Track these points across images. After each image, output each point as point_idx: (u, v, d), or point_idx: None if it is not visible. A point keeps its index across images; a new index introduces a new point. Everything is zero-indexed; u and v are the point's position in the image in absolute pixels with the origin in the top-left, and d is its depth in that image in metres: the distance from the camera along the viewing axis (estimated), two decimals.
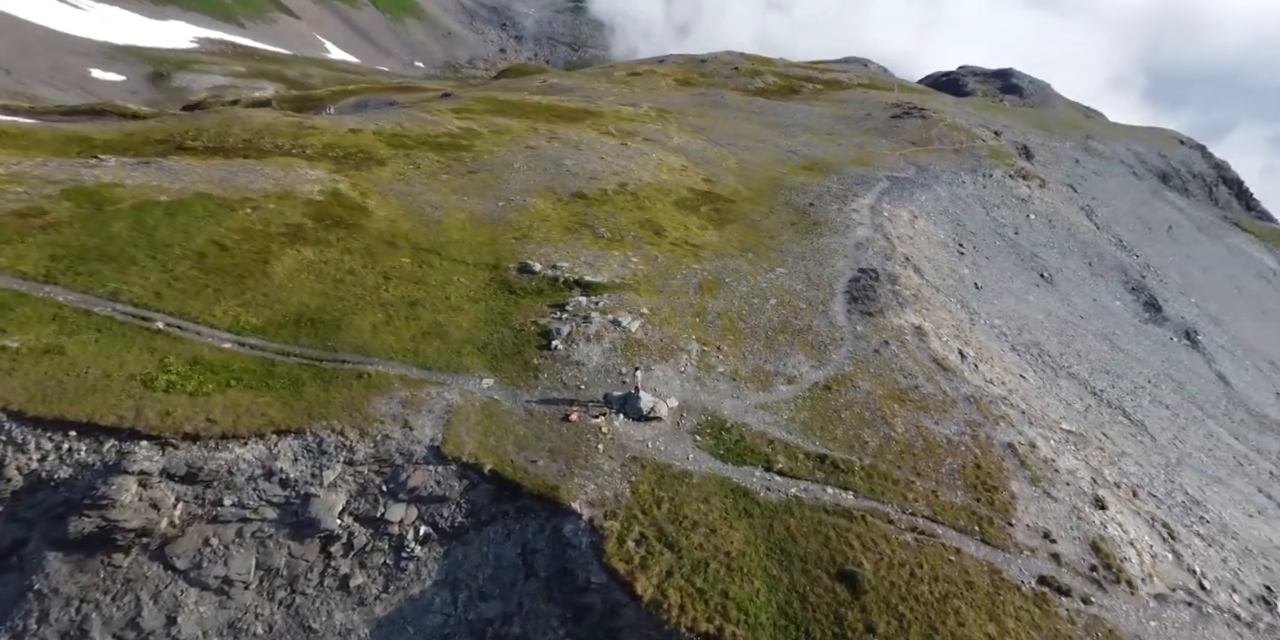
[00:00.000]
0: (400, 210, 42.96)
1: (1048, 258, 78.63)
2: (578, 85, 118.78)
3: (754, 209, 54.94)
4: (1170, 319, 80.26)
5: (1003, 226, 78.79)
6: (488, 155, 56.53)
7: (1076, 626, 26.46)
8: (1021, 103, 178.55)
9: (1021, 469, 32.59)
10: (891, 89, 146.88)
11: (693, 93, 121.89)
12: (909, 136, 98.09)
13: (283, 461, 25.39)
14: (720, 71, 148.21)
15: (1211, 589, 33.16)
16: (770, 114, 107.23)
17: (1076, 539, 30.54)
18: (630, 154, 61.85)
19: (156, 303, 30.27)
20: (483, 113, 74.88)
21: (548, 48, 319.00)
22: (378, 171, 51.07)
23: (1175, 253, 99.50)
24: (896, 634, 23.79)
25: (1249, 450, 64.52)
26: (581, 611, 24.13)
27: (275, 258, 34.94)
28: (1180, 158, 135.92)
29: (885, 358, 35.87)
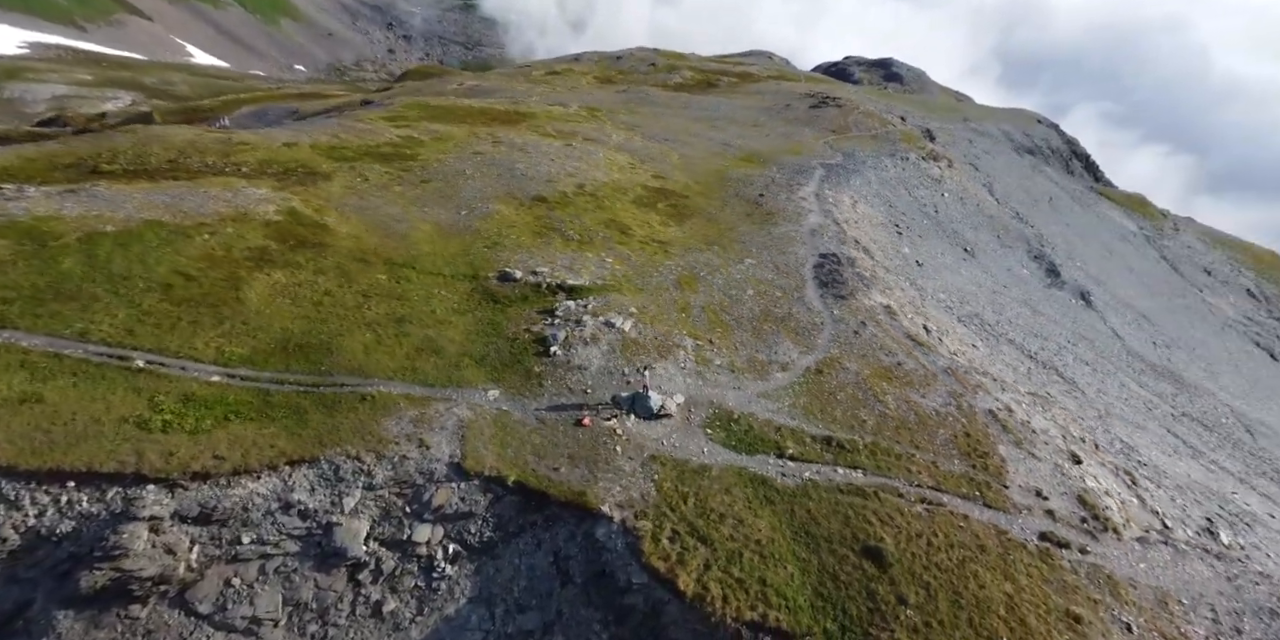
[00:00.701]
0: (363, 226, 41.92)
1: (965, 233, 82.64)
2: (499, 87, 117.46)
3: (708, 203, 55.77)
4: (1068, 282, 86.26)
5: (925, 206, 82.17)
6: (436, 163, 55.56)
7: (1080, 576, 28.17)
8: (902, 89, 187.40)
9: (1004, 433, 34.39)
10: (799, 80, 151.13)
11: (615, 90, 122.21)
12: (829, 124, 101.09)
13: (299, 492, 24.71)
14: (637, 68, 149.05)
15: (1172, 527, 35.69)
16: (696, 108, 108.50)
17: (1064, 494, 32.48)
18: (578, 154, 61.77)
19: (131, 340, 28.84)
20: (418, 119, 73.36)
21: (440, 47, 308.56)
22: (325, 187, 49.60)
23: (1058, 222, 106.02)
24: (926, 603, 24.92)
25: (1152, 396, 70.04)
26: (624, 613, 24.38)
27: (246, 284, 33.69)
28: (1041, 135, 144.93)
29: (865, 338, 37.20)
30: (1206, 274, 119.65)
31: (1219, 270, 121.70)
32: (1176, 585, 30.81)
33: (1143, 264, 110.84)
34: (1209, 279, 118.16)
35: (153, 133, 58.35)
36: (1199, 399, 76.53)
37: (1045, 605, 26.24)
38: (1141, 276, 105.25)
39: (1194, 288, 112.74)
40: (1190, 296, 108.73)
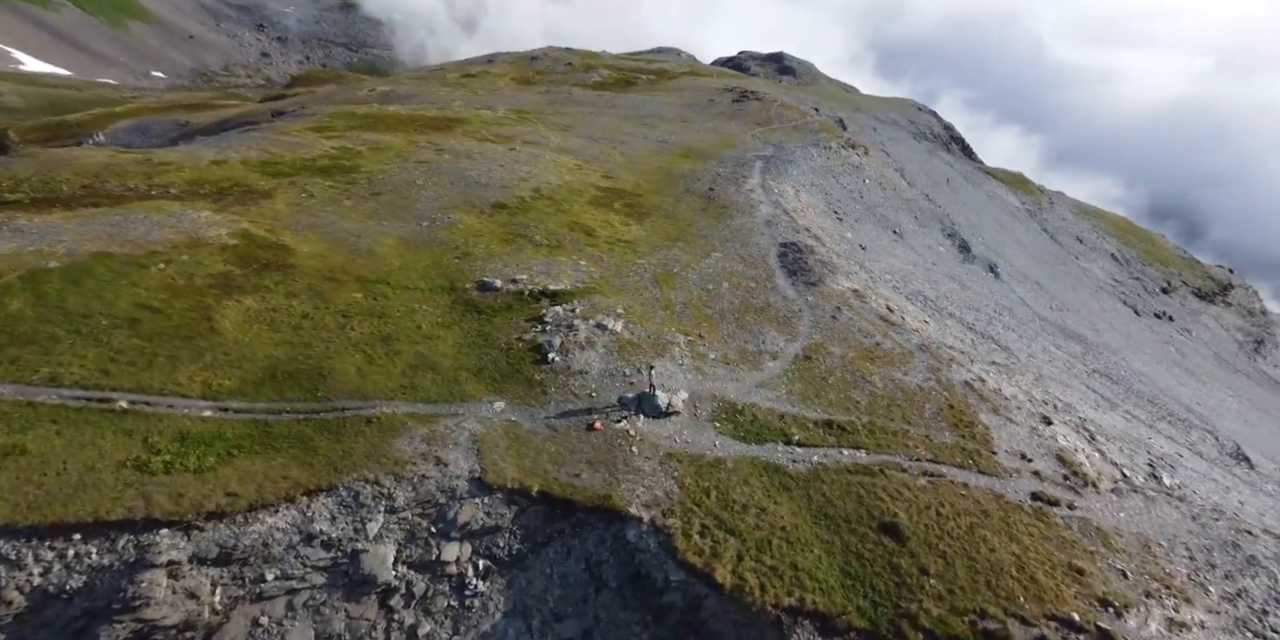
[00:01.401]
0: (324, 244, 40.68)
1: (890, 216, 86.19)
2: (415, 91, 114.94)
3: (662, 200, 56.26)
4: (978, 257, 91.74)
5: (853, 192, 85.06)
6: (382, 175, 54.24)
7: (1073, 530, 29.96)
8: (795, 82, 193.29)
9: (982, 402, 36.15)
10: (712, 75, 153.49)
11: (538, 91, 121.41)
12: (753, 118, 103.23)
13: (320, 522, 24.04)
14: (554, 68, 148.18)
15: (1129, 476, 38.23)
16: (623, 107, 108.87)
17: (1045, 455, 34.43)
18: (524, 158, 61.27)
19: (107, 381, 27.38)
20: (347, 129, 71.29)
21: (321, 50, 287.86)
22: (269, 205, 47.85)
23: (956, 201, 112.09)
24: (946, 570, 26.10)
25: (1068, 356, 75.19)
26: (662, 612, 24.66)
27: (217, 312, 32.35)
28: (924, 121, 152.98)
29: (843, 322, 38.42)
30: (1079, 242, 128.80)
31: (1088, 238, 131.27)
32: (1153, 529, 33.02)
33: (1028, 236, 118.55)
34: (1081, 247, 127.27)
35: (56, 157, 55.08)
36: (1101, 356, 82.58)
37: (1050, 561, 27.82)
38: (1029, 248, 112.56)
39: (1071, 255, 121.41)
40: (1069, 263, 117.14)
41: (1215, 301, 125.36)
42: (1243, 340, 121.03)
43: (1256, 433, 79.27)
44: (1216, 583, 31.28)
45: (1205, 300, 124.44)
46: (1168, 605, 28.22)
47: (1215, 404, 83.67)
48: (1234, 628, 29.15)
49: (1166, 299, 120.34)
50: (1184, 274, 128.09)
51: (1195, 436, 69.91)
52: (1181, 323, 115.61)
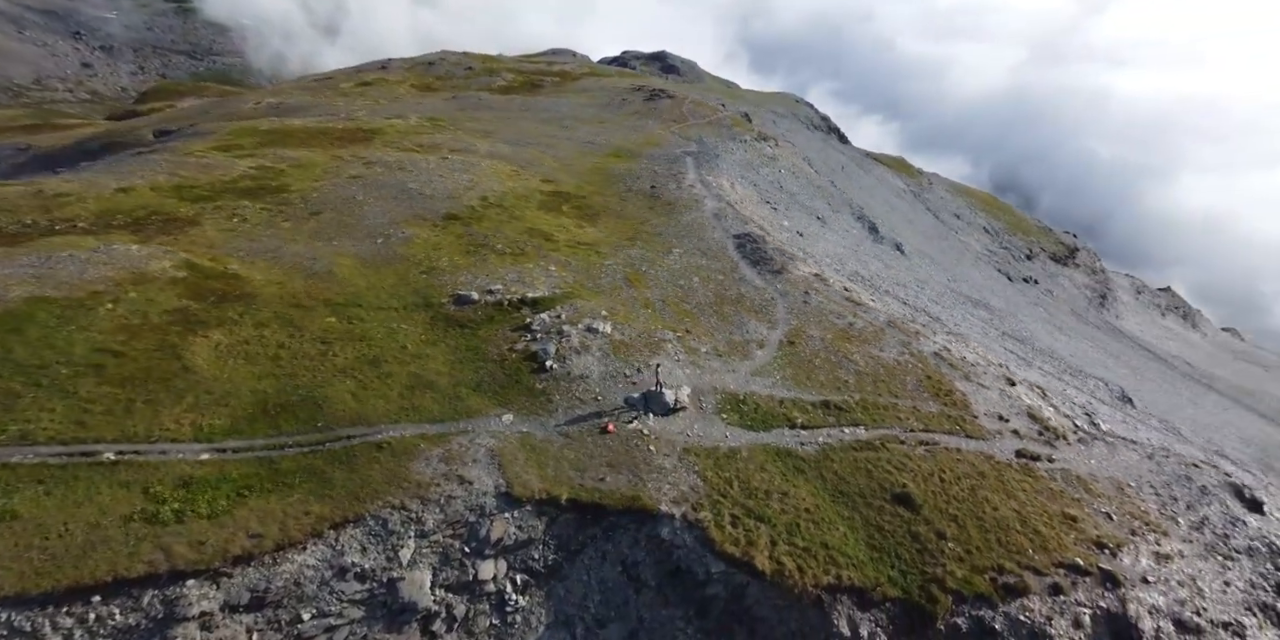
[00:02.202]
0: (277, 270, 39.04)
1: (808, 203, 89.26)
2: (309, 102, 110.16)
3: (608, 200, 56.37)
4: (885, 237, 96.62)
5: (774, 182, 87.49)
6: (315, 193, 52.29)
7: (1057, 480, 31.99)
8: (681, 80, 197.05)
9: (954, 370, 38.04)
10: (612, 75, 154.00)
11: (444, 98, 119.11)
12: (667, 115, 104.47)
13: (351, 554, 23.31)
14: (455, 73, 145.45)
15: (1080, 426, 40.98)
16: (537, 110, 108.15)
17: (1018, 414, 36.55)
18: (459, 167, 60.16)
19: (85, 433, 25.67)
20: (257, 146, 68.16)
21: (157, 59, 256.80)
22: (199, 233, 45.50)
23: (854, 186, 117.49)
24: (960, 533, 27.51)
25: (981, 322, 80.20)
26: (705, 605, 25.05)
27: (186, 350, 30.70)
28: (805, 113, 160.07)
29: (814, 306, 39.61)
30: (956, 218, 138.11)
31: (964, 214, 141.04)
32: (1121, 472, 35.52)
33: (915, 215, 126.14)
34: (959, 222, 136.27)
35: None
36: (1005, 320, 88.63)
37: (1046, 512, 29.66)
38: (917, 226, 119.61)
39: (951, 230, 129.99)
40: (951, 238, 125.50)
41: (1067, 264, 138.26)
42: (1090, 297, 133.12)
43: (1116, 376, 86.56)
44: (1183, 514, 33.95)
45: (1059, 263, 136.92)
46: (1150, 540, 30.52)
47: (1083, 354, 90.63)
48: (1206, 553, 31.75)
49: (1030, 265, 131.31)
50: (1041, 241, 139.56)
51: (1091, 385, 76.07)
52: (1045, 285, 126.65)
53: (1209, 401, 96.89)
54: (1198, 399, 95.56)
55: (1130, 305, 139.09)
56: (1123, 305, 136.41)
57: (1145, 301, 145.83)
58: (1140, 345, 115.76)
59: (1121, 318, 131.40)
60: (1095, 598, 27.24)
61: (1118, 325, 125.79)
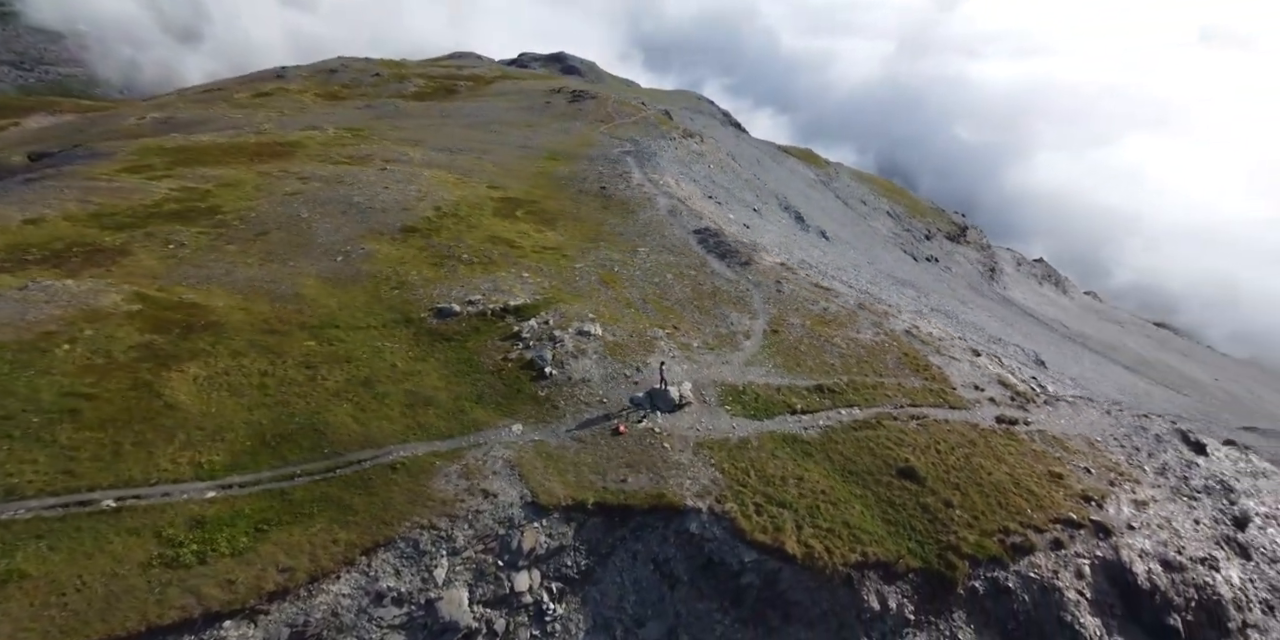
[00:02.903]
0: (236, 295, 37.54)
1: (741, 195, 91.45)
2: (203, 116, 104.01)
3: (560, 204, 56.19)
4: (810, 226, 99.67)
5: (708, 177, 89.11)
6: (253, 213, 50.33)
7: (1037, 442, 33.82)
8: (583, 80, 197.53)
9: (925, 346, 39.68)
10: (524, 78, 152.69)
11: (357, 107, 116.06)
12: (594, 116, 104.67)
13: (386, 579, 22.84)
14: (362, 81, 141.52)
15: (1036, 390, 43.35)
16: (460, 116, 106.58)
17: (990, 382, 38.42)
18: (402, 178, 58.85)
19: (77, 482, 24.30)
20: (170, 166, 64.49)
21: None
22: (134, 262, 43.13)
23: (771, 178, 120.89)
24: (964, 500, 28.86)
25: (912, 300, 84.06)
26: (740, 594, 25.50)
27: (163, 387, 29.31)
28: (707, 110, 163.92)
29: (788, 294, 40.62)
30: (863, 204, 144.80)
31: (869, 200, 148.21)
32: (1087, 429, 37.77)
33: (827, 203, 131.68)
34: (865, 208, 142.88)
35: None
36: (928, 296, 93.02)
37: (1034, 473, 31.38)
38: (832, 213, 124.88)
39: (860, 217, 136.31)
40: (861, 224, 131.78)
41: (960, 242, 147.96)
42: (982, 271, 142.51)
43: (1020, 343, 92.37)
44: (1146, 462, 36.37)
45: (954, 241, 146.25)
46: (1127, 489, 32.64)
47: (984, 324, 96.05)
48: (1173, 496, 34.11)
49: (930, 244, 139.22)
50: (936, 222, 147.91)
51: (1011, 351, 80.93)
52: (944, 262, 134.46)
53: (1087, 358, 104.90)
54: (1079, 357, 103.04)
55: (1014, 276, 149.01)
56: (1008, 277, 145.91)
57: (1025, 272, 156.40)
58: (1027, 312, 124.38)
59: (1009, 289, 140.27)
60: (1091, 548, 29.00)
61: (1007, 296, 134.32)
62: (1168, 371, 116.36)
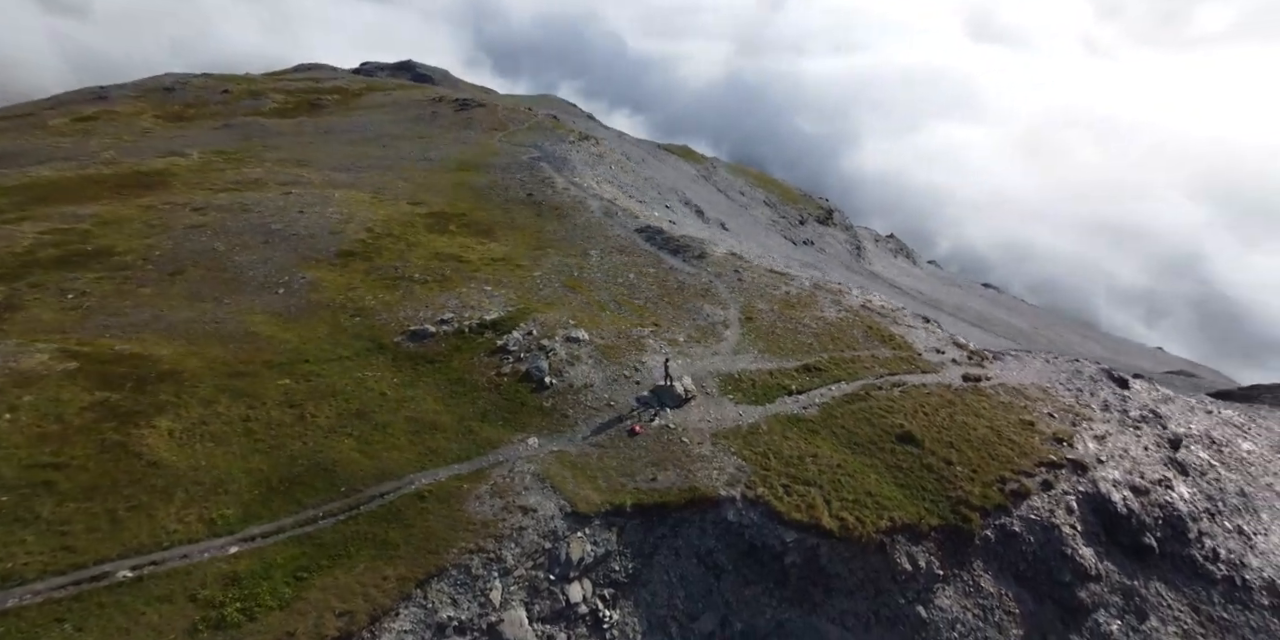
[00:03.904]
0: (179, 341, 35.09)
1: (648, 193, 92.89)
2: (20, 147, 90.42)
3: (491, 214, 55.27)
4: (710, 218, 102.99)
5: (615, 178, 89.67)
6: (156, 251, 46.76)
7: (1001, 395, 36.40)
8: (412, 86, 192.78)
9: (883, 318, 41.80)
10: (392, 89, 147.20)
11: (213, 127, 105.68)
12: (487, 124, 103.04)
13: (444, 609, 22.25)
14: (208, 98, 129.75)
15: (971, 342, 46.37)
16: (339, 132, 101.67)
17: (947, 345, 40.92)
18: (314, 200, 56.22)
19: (80, 557, 22.33)
20: (22, 207, 56.36)
21: None
22: (27, 318, 38.53)
23: (660, 175, 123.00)
24: (961, 456, 30.80)
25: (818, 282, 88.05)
26: (784, 575, 26.29)
27: (139, 445, 27.20)
28: (574, 112, 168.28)
29: (749, 282, 41.77)
30: (742, 195, 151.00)
31: (747, 191, 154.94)
32: (1035, 377, 40.89)
33: (712, 196, 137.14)
34: (744, 198, 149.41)
35: None
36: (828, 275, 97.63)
37: (1010, 423, 33.79)
38: (718, 205, 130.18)
39: (742, 207, 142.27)
40: (744, 214, 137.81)
41: (828, 224, 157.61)
42: (851, 250, 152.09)
43: None
44: (1091, 401, 39.76)
45: (823, 225, 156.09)
46: (1086, 427, 35.62)
47: None
48: (1121, 428, 37.39)
49: (804, 228, 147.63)
50: (806, 208, 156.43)
51: None
52: (819, 244, 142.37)
53: (945, 321, 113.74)
54: (941, 320, 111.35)
55: (875, 252, 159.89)
56: (871, 253, 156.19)
57: (882, 248, 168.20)
58: (892, 284, 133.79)
59: (873, 264, 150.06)
60: (1074, 485, 31.55)
61: (873, 270, 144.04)
62: (1004, 325, 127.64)
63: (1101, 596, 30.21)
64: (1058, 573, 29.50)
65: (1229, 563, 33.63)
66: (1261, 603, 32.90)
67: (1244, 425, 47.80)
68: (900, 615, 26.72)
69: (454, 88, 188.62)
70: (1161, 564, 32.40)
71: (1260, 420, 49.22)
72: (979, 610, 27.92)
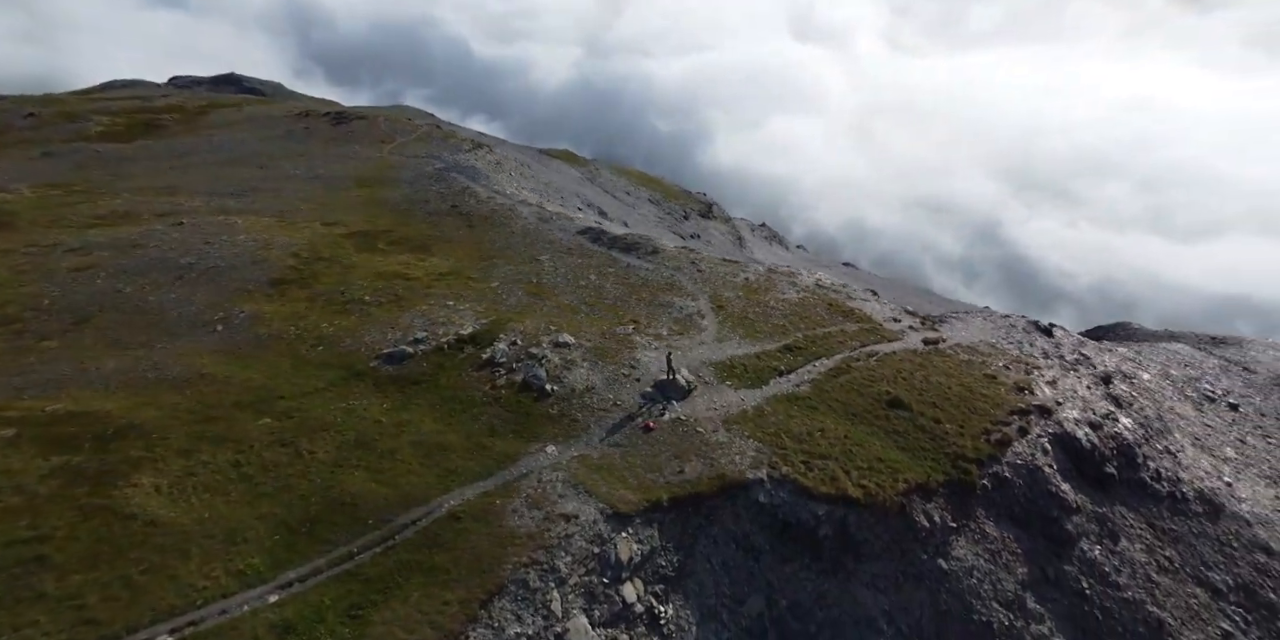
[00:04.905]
0: (124, 394, 32.36)
1: (558, 198, 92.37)
2: None
3: (419, 230, 53.71)
4: (612, 218, 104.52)
5: (524, 185, 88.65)
6: (45, 300, 42.09)
7: (959, 354, 38.92)
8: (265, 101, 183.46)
9: (838, 294, 43.75)
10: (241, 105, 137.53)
11: (29, 157, 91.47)
12: (373, 136, 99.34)
13: (511, 626, 21.85)
14: (10, 123, 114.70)
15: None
16: (201, 154, 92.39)
17: (900, 313, 43.24)
18: (216, 230, 52.50)
19: (109, 629, 20.42)
20: None
21: None
22: None
23: (556, 179, 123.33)
24: (944, 414, 32.82)
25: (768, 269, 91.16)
26: (817, 548, 27.25)
27: (128, 507, 25.09)
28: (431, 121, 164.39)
29: (708, 272, 42.69)
30: (628, 195, 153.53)
31: (631, 190, 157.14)
32: (980, 334, 43.89)
33: (599, 197, 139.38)
34: (631, 198, 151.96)
35: None
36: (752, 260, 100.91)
37: (977, 379, 36.22)
38: (609, 206, 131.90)
39: (629, 206, 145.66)
40: (634, 213, 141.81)
41: (710, 218, 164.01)
42: (733, 240, 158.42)
43: None
44: (1032, 351, 43.01)
45: (706, 218, 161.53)
46: (1037, 374, 38.56)
47: None
48: (1064, 372, 40.64)
49: (689, 223, 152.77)
50: (688, 203, 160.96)
51: None
52: (705, 238, 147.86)
53: None
54: None
55: (754, 241, 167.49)
56: (751, 243, 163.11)
57: (759, 236, 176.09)
58: None
59: (755, 252, 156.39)
60: (1044, 428, 34.20)
61: (755, 258, 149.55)
62: None
63: (1082, 526, 32.90)
64: (1046, 509, 31.92)
65: (1169, 480, 37.27)
66: (1197, 511, 36.66)
67: (1135, 359, 52.94)
68: (924, 571, 28.24)
69: (288, 99, 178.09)
70: (1121, 490, 35.57)
71: (1139, 355, 54.54)
72: (988, 555, 29.87)
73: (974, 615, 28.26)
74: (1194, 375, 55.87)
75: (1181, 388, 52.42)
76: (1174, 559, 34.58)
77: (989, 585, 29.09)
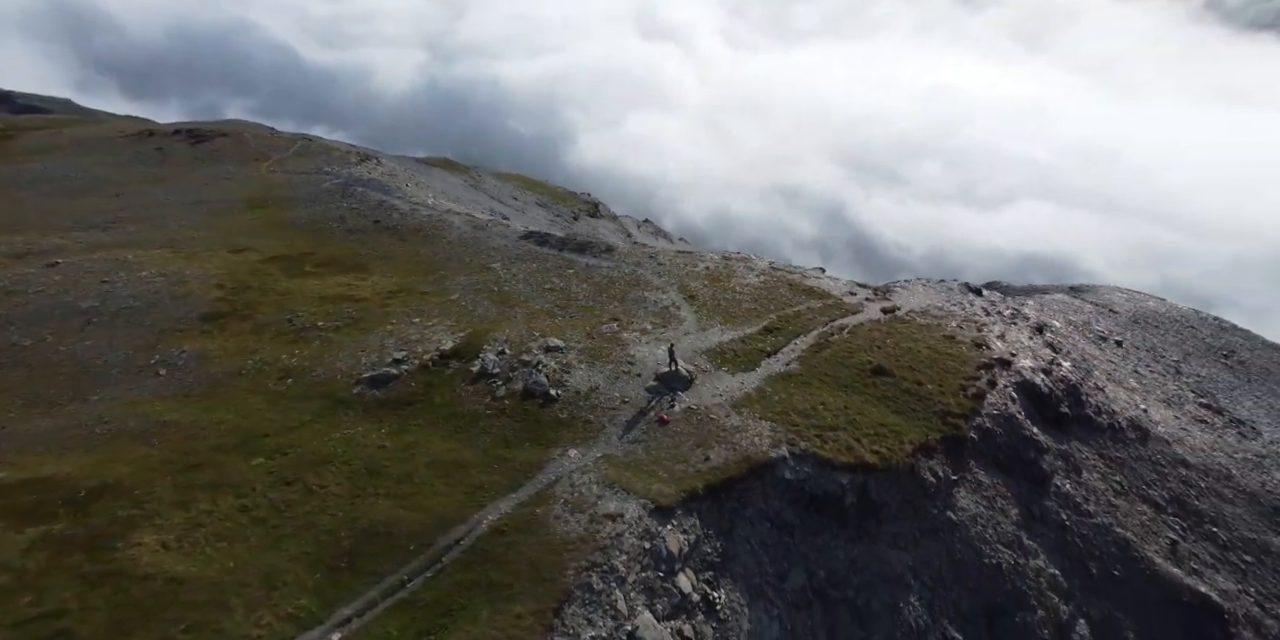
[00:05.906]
0: (79, 453, 29.51)
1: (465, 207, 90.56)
2: None
3: (346, 249, 51.30)
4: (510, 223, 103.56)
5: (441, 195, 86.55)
6: None
7: (917, 319, 41.24)
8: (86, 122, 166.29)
9: (793, 274, 45.24)
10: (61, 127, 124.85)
11: None
12: (244, 156, 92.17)
13: (584, 630, 21.72)
14: None
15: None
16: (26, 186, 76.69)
17: (856, 287, 45.21)
18: (106, 267, 46.61)
19: None
20: None
21: None
22: None
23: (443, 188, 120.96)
24: (924, 376, 34.74)
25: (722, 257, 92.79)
26: (842, 516, 28.38)
27: (141, 568, 23.37)
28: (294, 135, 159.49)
29: (669, 266, 43.22)
30: (515, 199, 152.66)
31: (518, 195, 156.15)
32: (925, 299, 46.50)
33: (488, 204, 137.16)
34: (518, 203, 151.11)
35: None
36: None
37: (939, 340, 38.50)
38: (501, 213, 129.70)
39: (518, 211, 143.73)
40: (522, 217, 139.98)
41: (598, 217, 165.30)
42: (624, 238, 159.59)
43: None
44: (974, 310, 45.88)
45: (595, 217, 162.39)
46: (986, 331, 41.24)
47: None
48: (1005, 326, 43.50)
49: (580, 224, 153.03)
50: (574, 205, 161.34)
51: None
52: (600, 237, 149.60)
53: None
54: None
55: (642, 237, 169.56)
56: (640, 239, 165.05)
57: (645, 232, 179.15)
58: None
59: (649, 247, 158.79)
60: (1009, 378, 36.77)
61: None
62: None
63: (1052, 464, 35.66)
64: (1024, 452, 34.41)
65: (1106, 412, 40.84)
66: (1131, 437, 40.38)
67: (1043, 309, 57.38)
68: (937, 525, 29.94)
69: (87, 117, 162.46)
70: (1074, 427, 38.74)
71: (1044, 307, 59.20)
72: (986, 502, 31.96)
73: (984, 559, 30.21)
74: (1084, 320, 60.89)
75: (1081, 331, 57.15)
76: (1123, 482, 37.99)
77: (991, 530, 31.13)
